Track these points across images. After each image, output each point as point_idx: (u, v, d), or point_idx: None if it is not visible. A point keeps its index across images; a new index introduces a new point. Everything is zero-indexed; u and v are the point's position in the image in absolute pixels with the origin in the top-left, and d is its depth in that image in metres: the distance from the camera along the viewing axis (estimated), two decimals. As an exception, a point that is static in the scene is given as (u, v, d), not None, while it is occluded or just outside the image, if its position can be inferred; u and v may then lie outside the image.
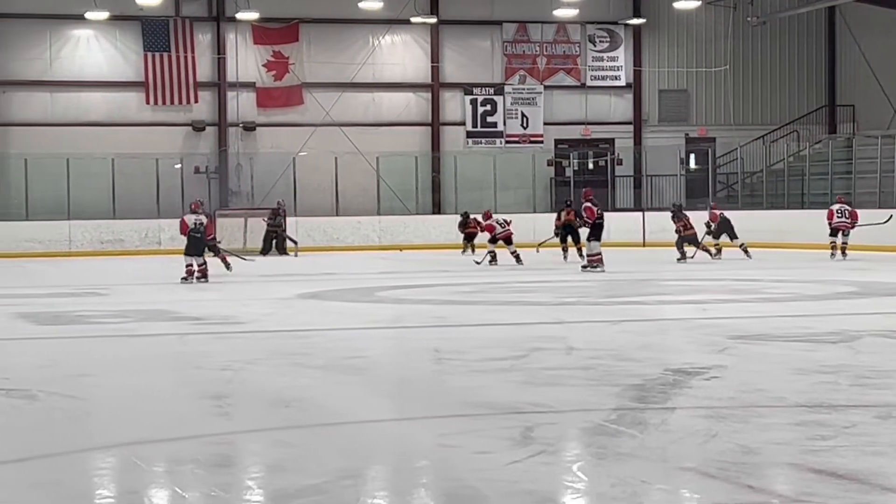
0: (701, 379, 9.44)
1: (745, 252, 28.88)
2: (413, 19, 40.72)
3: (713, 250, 28.93)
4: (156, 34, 39.73)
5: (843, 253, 28.64)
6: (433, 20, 41.28)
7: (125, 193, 38.47)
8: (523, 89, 42.92)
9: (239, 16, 39.49)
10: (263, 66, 40.87)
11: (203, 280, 22.73)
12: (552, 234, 30.32)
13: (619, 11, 43.33)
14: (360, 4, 39.30)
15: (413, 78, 42.19)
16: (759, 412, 8.03)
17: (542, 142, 43.01)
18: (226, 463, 6.86)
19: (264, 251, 34.54)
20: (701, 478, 6.13)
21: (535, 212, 39.17)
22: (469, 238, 33.87)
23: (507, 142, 42.83)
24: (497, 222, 29.13)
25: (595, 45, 43.34)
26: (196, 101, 40.30)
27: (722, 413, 7.90)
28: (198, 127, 40.36)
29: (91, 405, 8.78)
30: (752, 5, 41.46)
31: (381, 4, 39.34)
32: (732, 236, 29.63)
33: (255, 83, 40.87)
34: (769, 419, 7.78)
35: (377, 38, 41.48)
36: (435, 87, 42.26)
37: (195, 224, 22.98)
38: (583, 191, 26.33)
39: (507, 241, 28.55)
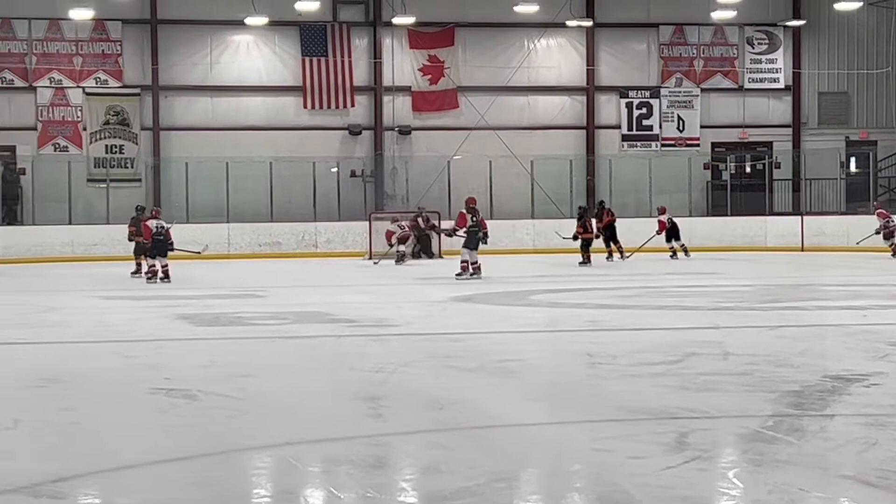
0: (860, 386, 9.27)
1: (675, 254, 32.09)
2: (568, 22, 40.62)
3: (679, 254, 32.24)
4: (314, 39, 40.23)
5: None
6: (589, 23, 41.13)
7: (283, 196, 39.03)
8: (680, 92, 42.57)
9: (395, 20, 39.81)
10: (419, 70, 41.14)
11: (166, 280, 24.15)
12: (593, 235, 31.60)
13: (778, 13, 42.76)
14: (516, 8, 39.32)
15: (568, 81, 42.12)
16: (921, 421, 7.87)
17: (698, 145, 42.62)
18: (380, 464, 6.91)
19: (415, 255, 34.70)
20: (860, 486, 6.03)
21: (690, 215, 38.90)
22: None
23: (662, 145, 42.54)
24: (399, 226, 32.64)
25: (753, 47, 42.82)
26: (353, 106, 40.72)
27: (882, 421, 7.75)
28: (354, 131, 40.76)
29: (249, 405, 8.90)
30: (916, 6, 40.64)
31: (536, 8, 39.29)
32: (668, 240, 32.51)
33: (410, 87, 41.16)
34: (931, 428, 7.62)
35: (532, 41, 41.49)
36: (590, 90, 42.13)
37: (157, 228, 24.61)
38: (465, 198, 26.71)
39: (403, 241, 32.38)
